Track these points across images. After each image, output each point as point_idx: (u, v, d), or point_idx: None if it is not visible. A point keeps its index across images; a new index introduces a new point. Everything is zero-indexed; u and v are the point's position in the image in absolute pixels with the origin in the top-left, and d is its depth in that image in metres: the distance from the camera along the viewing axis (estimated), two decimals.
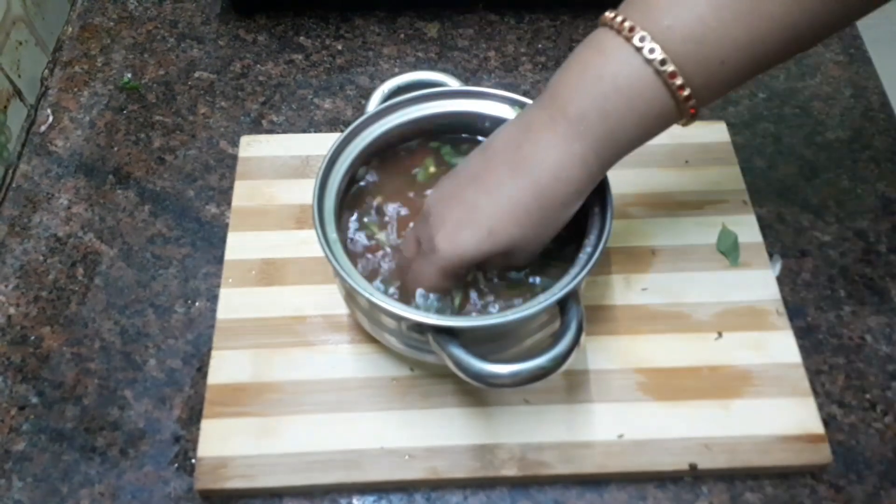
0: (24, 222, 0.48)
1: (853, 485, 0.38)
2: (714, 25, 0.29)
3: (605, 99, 0.30)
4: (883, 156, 0.50)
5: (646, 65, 0.29)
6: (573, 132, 0.31)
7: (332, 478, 0.37)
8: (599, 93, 0.30)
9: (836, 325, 0.43)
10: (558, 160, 0.31)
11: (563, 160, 0.31)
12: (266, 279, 0.43)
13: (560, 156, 0.31)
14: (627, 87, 0.30)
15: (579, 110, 0.31)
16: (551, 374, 0.31)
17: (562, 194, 0.32)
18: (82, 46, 0.57)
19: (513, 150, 0.32)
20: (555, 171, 0.31)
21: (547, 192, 0.32)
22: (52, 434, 0.40)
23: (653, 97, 0.30)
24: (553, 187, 0.32)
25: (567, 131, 0.31)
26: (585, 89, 0.31)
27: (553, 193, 0.32)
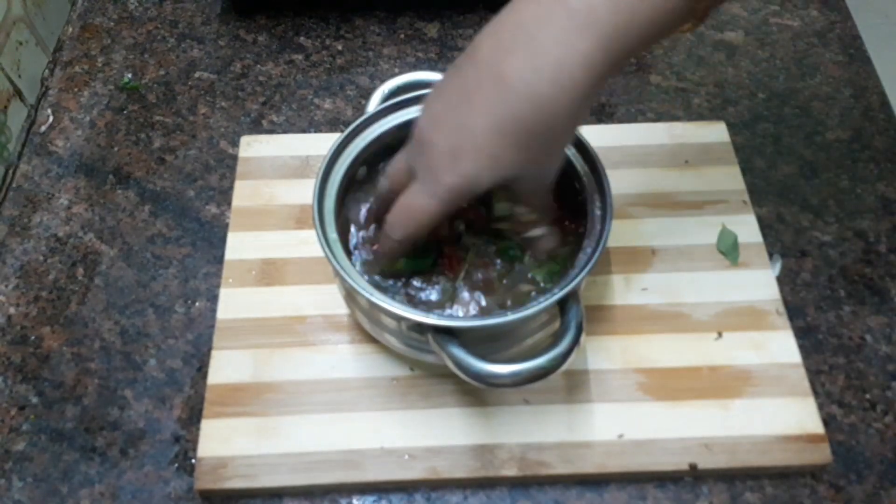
0: (24, 222, 0.48)
1: (853, 485, 0.38)
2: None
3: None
4: (883, 156, 0.50)
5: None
6: (576, 26, 0.27)
7: (332, 478, 0.37)
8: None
9: (836, 324, 0.43)
10: (558, 62, 0.27)
11: (564, 61, 0.27)
12: (266, 279, 0.43)
13: (560, 57, 0.27)
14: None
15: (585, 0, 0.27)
16: (551, 374, 0.31)
17: (566, 102, 0.28)
18: (83, 46, 0.57)
19: (503, 58, 0.28)
20: (554, 76, 0.27)
21: (549, 105, 0.28)
22: (52, 434, 0.40)
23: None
24: (555, 97, 0.27)
25: (568, 26, 0.27)
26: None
27: (556, 104, 0.28)
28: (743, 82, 0.54)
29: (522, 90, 0.28)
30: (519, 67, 0.28)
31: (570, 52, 0.27)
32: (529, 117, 0.28)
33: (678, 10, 0.28)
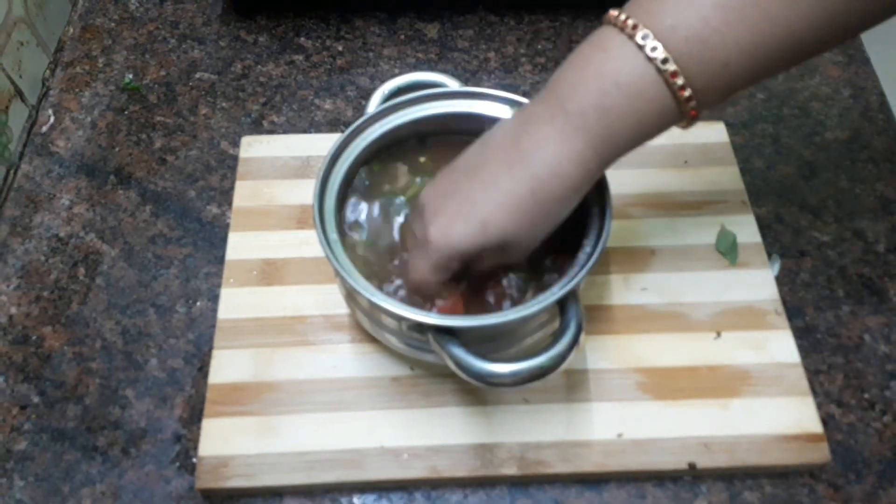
0: (25, 222, 0.48)
1: (851, 484, 0.38)
2: (717, 27, 0.29)
3: (606, 96, 0.30)
4: (881, 156, 0.50)
5: (647, 63, 0.29)
6: (572, 128, 0.31)
7: (333, 477, 0.37)
8: (600, 89, 0.30)
9: (835, 324, 0.43)
10: (556, 155, 0.31)
11: (561, 156, 0.31)
12: (267, 279, 0.43)
13: (558, 151, 0.31)
14: (628, 85, 0.30)
15: (579, 106, 0.30)
16: (551, 374, 0.31)
17: (559, 190, 0.31)
18: (83, 47, 0.57)
19: (511, 144, 0.32)
20: (552, 166, 0.31)
21: (544, 187, 0.31)
22: (53, 433, 0.40)
23: (653, 97, 0.30)
24: (550, 183, 0.31)
25: (566, 127, 0.31)
26: (586, 85, 0.30)
27: (550, 189, 0.31)
28: None
29: (524, 173, 0.31)
30: (522, 154, 0.31)
31: (565, 150, 0.31)
32: (527, 197, 0.31)
33: (665, 116, 0.31)
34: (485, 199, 0.32)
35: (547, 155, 0.31)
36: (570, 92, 0.31)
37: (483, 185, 0.32)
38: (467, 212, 0.32)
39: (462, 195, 0.32)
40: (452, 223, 0.32)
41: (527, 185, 0.31)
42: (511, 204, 0.31)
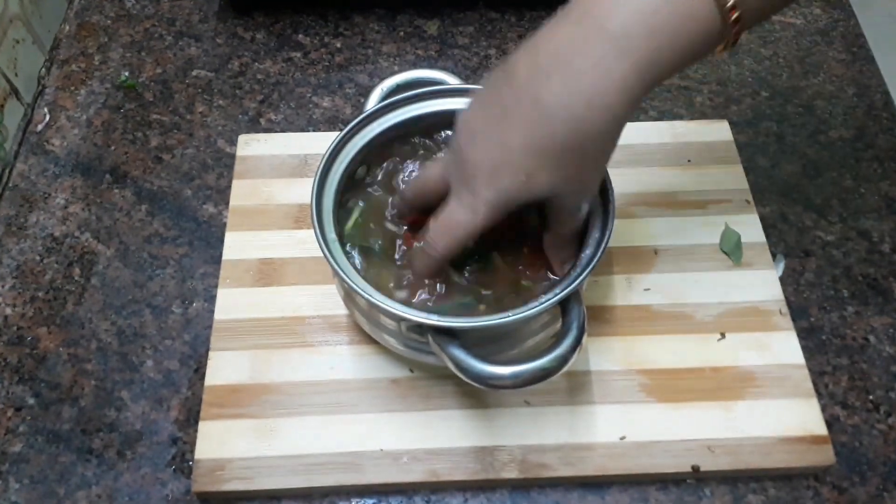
0: (20, 222, 0.47)
1: (856, 486, 0.38)
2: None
3: (655, 13, 0.27)
4: (886, 155, 0.50)
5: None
6: (613, 50, 0.28)
7: (331, 480, 0.37)
8: (648, 5, 0.28)
9: (840, 325, 0.43)
10: (594, 86, 0.28)
11: (600, 85, 0.28)
12: (264, 279, 0.43)
13: (596, 81, 0.28)
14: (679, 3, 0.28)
15: (623, 25, 0.28)
16: (553, 376, 0.31)
17: (601, 125, 0.29)
18: (79, 45, 0.56)
19: (540, 82, 0.29)
20: (590, 99, 0.28)
21: (583, 126, 0.29)
22: (48, 435, 0.39)
23: (704, 16, 0.28)
24: (590, 120, 0.29)
25: (605, 50, 0.28)
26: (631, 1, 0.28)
27: (591, 127, 0.29)
28: (746, 81, 0.54)
29: (559, 112, 0.29)
30: (556, 90, 0.29)
31: (606, 77, 0.28)
32: (565, 138, 0.29)
33: (710, 39, 0.29)
34: (523, 148, 0.29)
35: (583, 87, 0.28)
36: (610, 8, 0.28)
37: (518, 132, 0.29)
38: (509, 161, 0.30)
39: (499, 141, 0.30)
40: (497, 175, 0.30)
41: (566, 127, 0.29)
42: (554, 152, 0.29)
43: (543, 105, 0.29)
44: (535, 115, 0.29)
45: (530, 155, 0.30)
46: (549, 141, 0.29)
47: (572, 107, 0.29)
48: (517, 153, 0.30)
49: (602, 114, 0.29)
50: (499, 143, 0.30)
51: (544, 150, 0.29)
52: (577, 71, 0.28)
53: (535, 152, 0.29)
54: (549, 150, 0.29)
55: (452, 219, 0.32)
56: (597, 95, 0.28)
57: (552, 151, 0.29)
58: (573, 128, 0.29)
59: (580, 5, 0.29)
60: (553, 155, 0.29)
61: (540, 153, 0.29)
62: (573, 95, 0.29)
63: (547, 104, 0.29)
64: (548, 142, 0.29)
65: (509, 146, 0.30)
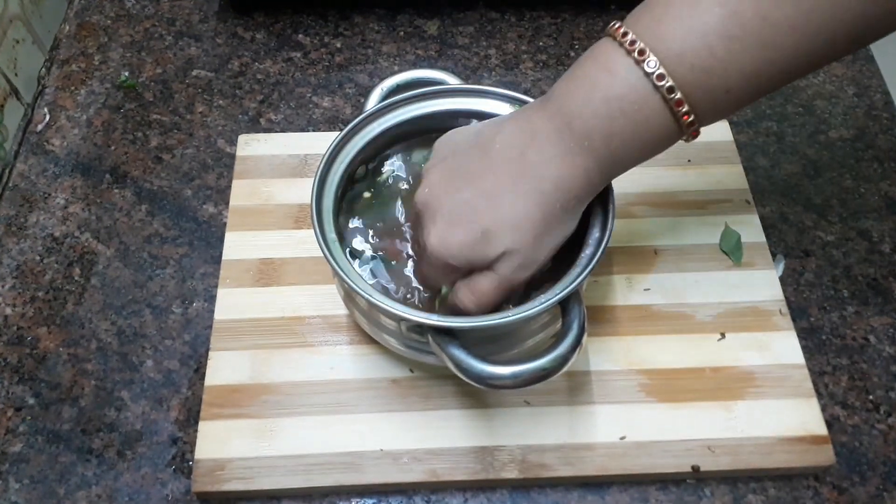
0: (20, 222, 0.47)
1: (856, 486, 0.38)
2: (722, 56, 0.29)
3: (612, 121, 0.31)
4: (886, 155, 0.50)
5: (654, 92, 0.30)
6: (578, 147, 0.31)
7: (331, 480, 0.37)
8: (606, 114, 0.31)
9: (840, 325, 0.43)
10: (561, 170, 0.32)
11: (566, 171, 0.32)
12: (264, 279, 0.43)
13: (564, 168, 0.32)
14: (634, 112, 0.30)
15: (585, 128, 0.31)
16: (553, 376, 0.31)
17: (563, 201, 0.32)
18: (79, 45, 0.56)
19: (516, 156, 0.32)
20: (557, 180, 0.32)
21: (549, 201, 0.32)
22: (48, 435, 0.39)
23: (659, 123, 0.31)
24: (555, 197, 0.32)
25: (572, 146, 0.31)
26: (592, 108, 0.31)
27: (554, 201, 0.32)
28: None
29: (530, 185, 0.32)
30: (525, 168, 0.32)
31: (571, 165, 0.32)
32: (532, 209, 0.32)
33: (668, 138, 0.32)
34: (487, 208, 0.32)
35: (552, 169, 0.31)
36: (576, 112, 0.31)
37: (486, 195, 0.32)
38: (468, 219, 0.32)
39: (463, 202, 0.32)
40: (451, 229, 0.32)
41: (532, 198, 0.32)
42: (515, 215, 0.32)
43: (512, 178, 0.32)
44: (504, 184, 0.32)
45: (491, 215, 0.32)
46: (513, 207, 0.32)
47: (540, 185, 0.32)
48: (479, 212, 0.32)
49: (566, 195, 0.32)
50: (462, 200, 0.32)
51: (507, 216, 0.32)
52: (547, 157, 0.32)
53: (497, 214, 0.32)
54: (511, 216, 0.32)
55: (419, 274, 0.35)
56: (563, 179, 0.32)
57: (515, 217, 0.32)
58: (538, 202, 0.32)
59: (554, 102, 0.32)
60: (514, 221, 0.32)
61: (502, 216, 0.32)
62: (542, 175, 0.32)
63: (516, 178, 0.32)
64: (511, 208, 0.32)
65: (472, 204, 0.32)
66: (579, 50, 0.55)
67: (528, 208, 0.32)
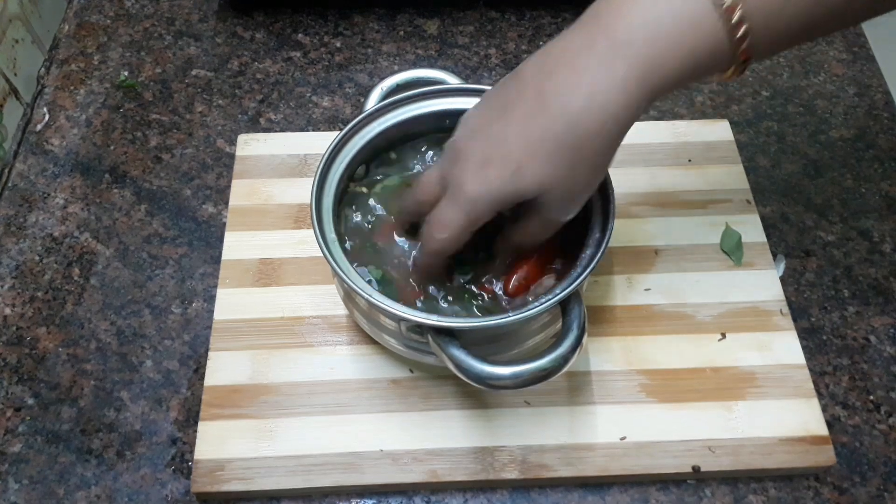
0: (19, 222, 0.47)
1: (857, 486, 0.38)
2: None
3: (659, 22, 0.28)
4: (887, 155, 0.50)
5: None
6: (614, 54, 0.28)
7: (331, 480, 0.37)
8: (653, 14, 0.28)
9: (841, 325, 0.43)
10: (592, 84, 0.28)
11: (599, 83, 0.28)
12: (264, 279, 0.43)
13: (597, 80, 0.28)
14: (682, 14, 0.28)
15: (627, 31, 0.28)
16: (553, 376, 0.31)
17: (597, 123, 0.28)
18: (79, 44, 0.56)
19: (544, 78, 0.29)
20: (587, 95, 0.28)
21: (582, 122, 0.28)
22: (48, 436, 0.39)
23: (708, 30, 0.28)
24: (587, 116, 0.28)
25: (608, 52, 0.28)
26: (637, 10, 0.28)
27: (588, 123, 0.28)
28: (746, 80, 0.54)
29: (556, 106, 0.29)
30: (557, 85, 0.29)
31: (605, 76, 0.28)
32: (560, 132, 0.29)
33: (717, 56, 0.29)
34: (517, 140, 0.29)
35: (583, 84, 0.28)
36: (617, 17, 0.28)
37: (515, 124, 0.29)
38: (500, 154, 0.29)
39: (494, 136, 0.30)
40: (485, 168, 0.30)
41: (562, 121, 0.28)
42: (547, 145, 0.29)
43: (543, 99, 0.29)
44: (534, 109, 0.29)
45: (523, 148, 0.29)
46: (544, 133, 0.29)
47: (571, 102, 0.28)
48: (510, 146, 0.29)
49: (600, 112, 0.29)
50: (494, 136, 0.30)
51: (538, 142, 0.29)
52: (579, 69, 0.29)
53: (528, 144, 0.29)
54: (542, 143, 0.29)
55: (439, 218, 0.32)
56: (597, 93, 0.28)
57: (546, 145, 0.29)
58: (570, 122, 0.29)
59: (591, 13, 0.30)
60: (546, 149, 0.29)
61: (533, 146, 0.29)
62: (573, 91, 0.28)
63: (546, 98, 0.29)
64: (543, 133, 0.29)
65: (503, 137, 0.30)
66: None
67: (558, 134, 0.28)
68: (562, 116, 0.29)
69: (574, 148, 0.29)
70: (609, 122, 0.29)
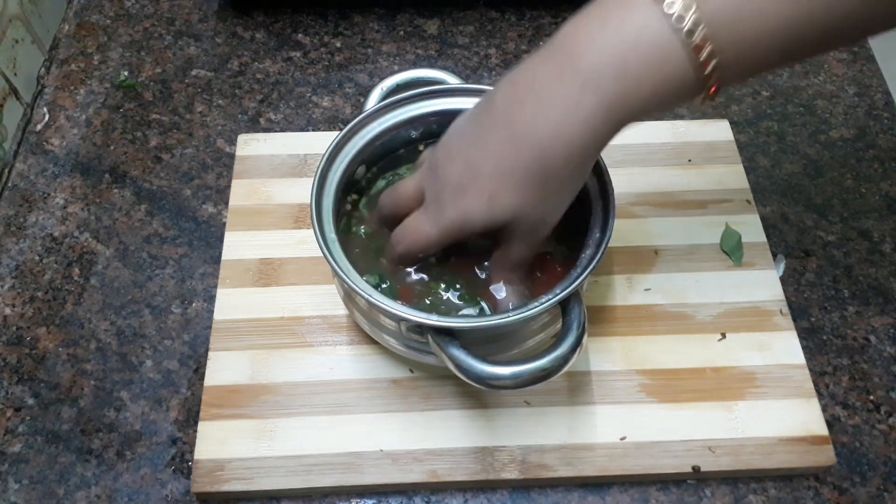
0: (19, 222, 0.47)
1: (857, 486, 0.38)
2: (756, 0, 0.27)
3: (625, 58, 0.28)
4: (887, 155, 0.50)
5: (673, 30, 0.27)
6: (583, 89, 0.29)
7: (331, 481, 0.37)
8: (619, 50, 0.28)
9: (841, 325, 0.43)
10: (559, 119, 0.29)
11: (566, 117, 0.29)
12: (263, 279, 0.43)
13: (562, 113, 0.29)
14: (648, 51, 0.28)
15: (595, 65, 0.28)
16: (553, 376, 0.31)
17: (563, 154, 0.30)
18: (79, 44, 0.56)
19: (515, 107, 0.30)
20: (553, 128, 0.29)
21: (549, 155, 0.29)
22: (48, 436, 0.39)
23: (675, 67, 0.28)
24: (553, 148, 0.29)
25: (576, 87, 0.29)
26: (604, 43, 0.28)
27: (554, 154, 0.29)
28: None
29: (525, 137, 0.30)
30: (526, 118, 0.30)
31: (573, 111, 0.29)
32: (529, 164, 0.30)
33: (685, 87, 0.29)
34: (490, 170, 0.31)
35: (551, 119, 0.29)
36: (585, 48, 0.28)
37: (487, 155, 0.31)
38: (474, 183, 0.31)
39: (469, 162, 0.31)
40: (462, 194, 0.31)
41: (531, 153, 0.30)
42: (517, 175, 0.30)
43: (513, 131, 0.30)
44: (505, 140, 0.30)
45: (496, 177, 0.31)
46: (515, 164, 0.30)
47: (539, 134, 0.30)
48: (484, 175, 0.31)
49: (566, 146, 0.30)
50: (470, 163, 0.31)
51: (509, 174, 0.30)
52: (545, 101, 0.29)
53: (501, 175, 0.30)
54: (513, 174, 0.30)
55: (414, 227, 0.34)
56: (562, 128, 0.29)
57: (516, 175, 0.30)
58: (538, 155, 0.30)
59: (558, 43, 0.30)
60: (517, 179, 0.30)
61: (505, 176, 0.30)
62: (541, 124, 0.30)
63: (516, 130, 0.30)
64: (513, 165, 0.30)
65: (478, 167, 0.31)
66: None
67: (527, 164, 0.30)
68: (531, 148, 0.30)
69: (542, 177, 0.30)
70: (574, 154, 0.30)
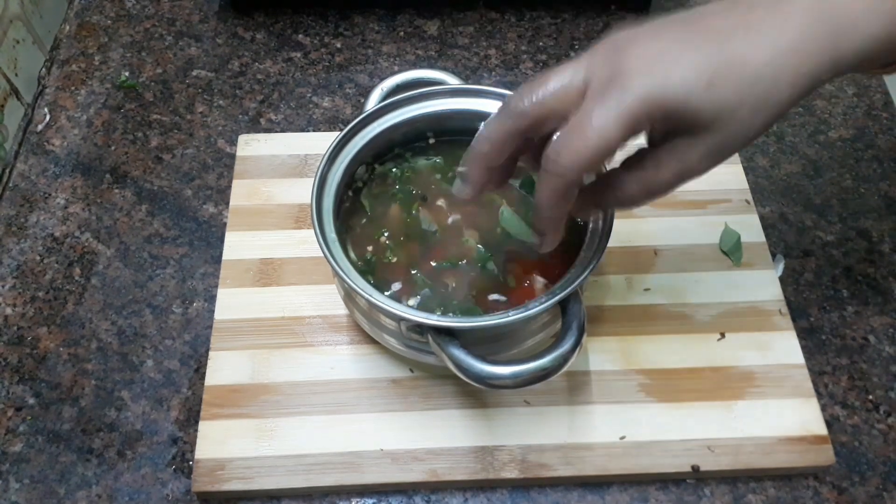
0: (20, 222, 0.47)
1: (856, 486, 0.38)
2: None
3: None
4: (886, 155, 0.50)
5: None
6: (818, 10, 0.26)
7: (331, 480, 0.37)
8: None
9: (840, 325, 0.43)
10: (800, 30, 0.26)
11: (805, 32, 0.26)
12: (264, 279, 0.43)
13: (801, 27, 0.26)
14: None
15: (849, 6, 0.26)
16: (553, 375, 0.31)
17: (793, 69, 0.26)
18: (80, 45, 0.56)
19: (746, 6, 0.27)
20: (795, 40, 0.26)
21: (781, 60, 0.26)
22: (49, 435, 0.39)
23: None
24: (788, 59, 0.26)
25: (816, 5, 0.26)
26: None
27: (788, 64, 0.26)
28: None
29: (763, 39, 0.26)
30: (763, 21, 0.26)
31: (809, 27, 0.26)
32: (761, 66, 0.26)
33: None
34: (711, 51, 0.26)
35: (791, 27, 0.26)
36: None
37: (707, 36, 0.26)
38: (689, 55, 0.26)
39: (679, 39, 0.26)
40: (665, 59, 0.26)
41: (763, 52, 0.26)
42: (744, 68, 0.26)
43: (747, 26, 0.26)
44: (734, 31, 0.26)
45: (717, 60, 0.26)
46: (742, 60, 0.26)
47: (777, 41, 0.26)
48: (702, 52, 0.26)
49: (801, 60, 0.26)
50: (678, 40, 0.26)
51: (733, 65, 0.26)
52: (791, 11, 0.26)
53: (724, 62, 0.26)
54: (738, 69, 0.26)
55: (587, 122, 0.26)
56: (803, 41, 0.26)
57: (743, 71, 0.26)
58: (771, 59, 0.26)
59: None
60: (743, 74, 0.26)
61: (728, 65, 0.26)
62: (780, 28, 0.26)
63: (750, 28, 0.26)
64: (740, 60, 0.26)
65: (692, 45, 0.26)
66: (579, 50, 0.55)
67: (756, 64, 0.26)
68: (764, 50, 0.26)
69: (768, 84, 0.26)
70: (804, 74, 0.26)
